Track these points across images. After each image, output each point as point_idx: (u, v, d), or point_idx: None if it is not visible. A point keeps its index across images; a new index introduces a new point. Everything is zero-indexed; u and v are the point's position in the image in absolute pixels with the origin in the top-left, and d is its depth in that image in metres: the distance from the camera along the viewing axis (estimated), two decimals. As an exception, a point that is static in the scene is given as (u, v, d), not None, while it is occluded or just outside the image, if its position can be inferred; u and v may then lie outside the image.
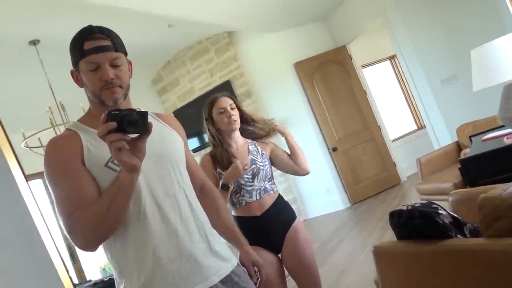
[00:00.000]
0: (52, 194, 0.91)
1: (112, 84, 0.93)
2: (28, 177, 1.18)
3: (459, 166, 1.61)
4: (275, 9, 3.79)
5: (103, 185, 0.90)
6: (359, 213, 3.57)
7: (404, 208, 1.12)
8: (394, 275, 1.19)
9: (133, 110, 0.84)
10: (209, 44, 4.49)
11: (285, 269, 1.54)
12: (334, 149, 4.05)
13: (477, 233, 1.08)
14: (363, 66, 4.81)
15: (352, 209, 3.84)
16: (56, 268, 1.11)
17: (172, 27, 3.80)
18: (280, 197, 1.56)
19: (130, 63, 1.01)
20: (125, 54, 0.98)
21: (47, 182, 0.93)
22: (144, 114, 0.83)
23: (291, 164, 1.64)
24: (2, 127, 1.01)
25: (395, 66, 5.23)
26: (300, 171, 1.61)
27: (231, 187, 1.48)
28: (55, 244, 1.08)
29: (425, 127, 4.16)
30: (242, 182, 1.47)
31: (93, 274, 3.97)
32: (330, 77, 4.26)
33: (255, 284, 1.11)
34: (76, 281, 3.57)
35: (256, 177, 1.53)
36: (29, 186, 1.07)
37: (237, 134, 1.58)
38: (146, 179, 0.92)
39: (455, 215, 1.09)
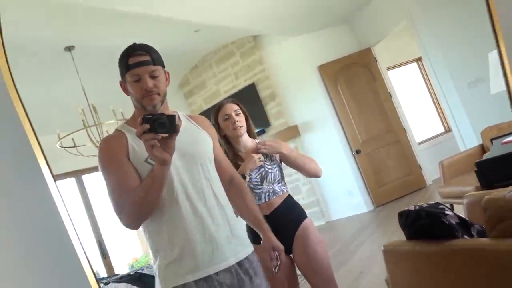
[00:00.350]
0: (105, 182, 1.13)
1: (151, 92, 1.11)
2: (62, 176, 1.31)
3: (475, 168, 1.61)
4: (299, 12, 3.84)
5: (143, 176, 1.10)
6: (382, 216, 3.55)
7: (412, 208, 1.15)
8: (403, 274, 1.21)
9: (163, 114, 1.02)
10: (235, 48, 4.59)
11: (297, 270, 1.55)
12: (358, 152, 4.04)
13: (484, 234, 1.09)
14: (389, 69, 4.77)
15: (375, 212, 3.83)
16: (81, 263, 1.20)
17: (199, 32, 3.92)
18: (289, 197, 1.57)
19: (167, 73, 1.19)
20: (163, 66, 1.17)
21: (101, 172, 1.12)
22: (172, 117, 1.01)
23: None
24: (33, 130, 1.13)
25: (422, 68, 5.15)
26: (309, 176, 1.62)
27: (247, 178, 1.51)
28: (79, 241, 1.19)
29: (451, 130, 4.08)
30: (251, 186, 1.52)
31: (122, 269, 4.15)
32: (355, 79, 4.26)
33: (275, 267, 1.24)
34: (105, 275, 3.74)
35: (265, 180, 1.55)
36: (57, 187, 1.18)
37: (244, 138, 1.59)
38: (178, 174, 1.11)
39: (462, 216, 1.10)
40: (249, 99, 4.22)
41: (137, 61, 1.10)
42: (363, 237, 3.07)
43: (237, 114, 1.57)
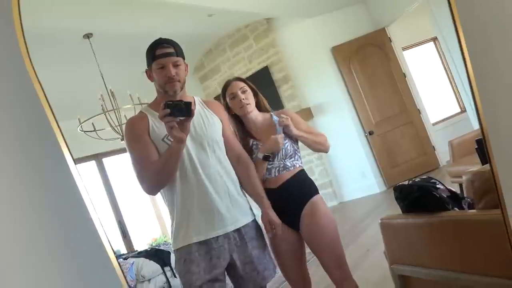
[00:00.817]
0: (130, 155, 1.37)
1: (173, 79, 1.32)
2: (84, 159, 1.50)
3: (476, 146, 1.64)
4: (312, -7, 3.84)
5: (161, 152, 1.31)
6: (393, 196, 3.59)
7: (406, 182, 1.21)
8: (398, 245, 1.28)
9: (181, 101, 1.22)
10: (248, 32, 4.63)
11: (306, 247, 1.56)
12: (371, 133, 4.07)
13: (474, 207, 1.14)
14: (404, 49, 4.71)
15: (387, 192, 3.87)
16: (101, 238, 1.31)
17: (212, 17, 3.98)
18: (301, 172, 1.56)
19: (187, 65, 1.39)
20: (184, 58, 1.36)
21: (126, 146, 1.33)
22: (189, 104, 1.21)
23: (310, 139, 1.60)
24: (54, 116, 1.23)
25: (438, 47, 5.06)
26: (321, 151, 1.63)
27: (272, 157, 1.51)
28: (98, 218, 1.31)
29: (466, 111, 4.04)
30: None
31: (142, 248, 4.34)
32: (369, 61, 4.25)
33: (270, 238, 1.38)
34: (125, 251, 3.93)
35: (276, 156, 1.54)
36: (77, 169, 1.30)
37: (254, 115, 1.59)
38: (188, 152, 1.33)
39: (453, 189, 1.15)
40: (263, 82, 4.27)
41: (163, 52, 1.29)
42: (373, 217, 3.13)
43: (243, 92, 1.57)
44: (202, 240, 1.31)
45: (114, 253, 1.30)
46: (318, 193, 1.56)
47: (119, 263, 1.23)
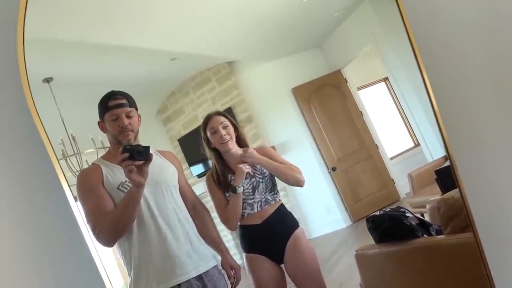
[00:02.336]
0: (83, 207, 1.35)
1: (127, 129, 1.44)
2: None
3: (435, 176, 1.75)
4: (272, 39, 4.05)
5: (116, 201, 1.29)
6: (360, 230, 3.67)
7: (377, 213, 1.26)
8: (373, 275, 1.31)
9: (140, 145, 1.25)
10: (211, 74, 4.74)
11: (288, 278, 1.59)
12: (334, 169, 4.19)
13: (441, 233, 1.21)
14: (359, 88, 5.01)
15: (352, 227, 3.95)
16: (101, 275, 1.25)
17: (175, 60, 4.06)
18: (282, 206, 1.65)
19: (139, 116, 1.43)
20: (136, 109, 1.42)
21: (78, 199, 1.30)
22: (147, 148, 1.26)
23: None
24: (51, 144, 1.25)
25: (389, 87, 5.42)
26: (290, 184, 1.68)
27: (239, 189, 1.55)
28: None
29: (420, 145, 4.30)
30: (244, 197, 1.57)
31: None
32: (327, 100, 4.46)
33: (232, 283, 1.39)
34: None
35: (256, 190, 1.63)
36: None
37: (233, 151, 1.65)
38: (145, 198, 1.31)
39: (421, 217, 1.22)
40: (227, 123, 4.34)
41: (116, 103, 1.42)
42: (342, 251, 3.17)
43: (224, 127, 1.64)
44: None
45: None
46: (299, 225, 1.62)
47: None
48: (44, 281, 1.22)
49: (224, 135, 1.60)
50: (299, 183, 1.69)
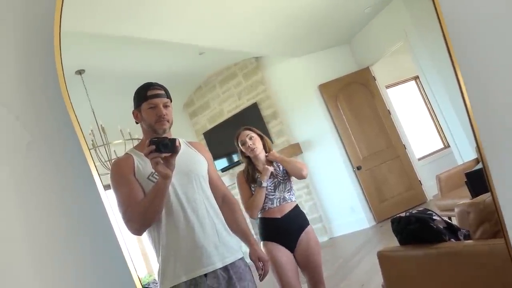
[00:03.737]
0: (115, 196, 1.40)
1: (163, 119, 1.43)
2: None
3: (465, 179, 1.70)
4: (300, 34, 4.01)
5: (146, 190, 1.34)
6: (383, 231, 3.60)
7: (403, 214, 1.23)
8: (396, 277, 1.28)
9: (166, 138, 1.28)
10: (237, 69, 4.76)
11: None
12: (359, 168, 4.13)
13: (470, 238, 1.17)
14: (388, 87, 4.90)
15: (376, 227, 3.88)
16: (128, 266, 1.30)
17: (203, 55, 4.10)
18: (297, 206, 2.08)
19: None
20: (171, 101, 1.45)
21: (112, 187, 1.35)
22: (174, 140, 1.27)
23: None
24: (86, 143, 1.30)
25: (420, 85, 5.28)
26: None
27: (264, 183, 1.87)
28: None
29: (450, 146, 4.17)
30: (266, 192, 1.87)
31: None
32: (354, 98, 4.39)
33: (260, 275, 1.41)
34: None
35: (277, 188, 1.99)
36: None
37: (260, 156, 2.03)
38: (174, 188, 1.33)
39: (448, 221, 1.19)
40: (252, 118, 4.35)
41: (154, 93, 1.42)
42: (365, 252, 3.13)
43: (250, 138, 2.11)
44: (192, 279, 1.31)
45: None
46: (309, 223, 2.05)
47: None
48: (72, 267, 1.27)
49: (251, 145, 2.01)
50: (301, 175, 2.14)
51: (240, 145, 2.09)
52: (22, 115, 1.31)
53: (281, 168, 2.08)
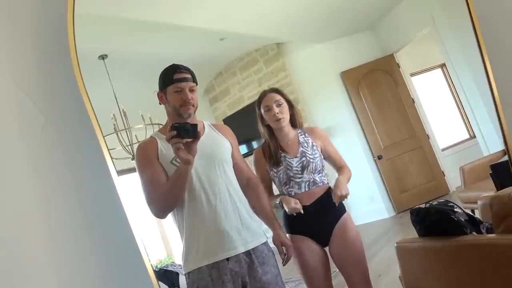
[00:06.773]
0: (140, 179, 1.39)
1: (189, 103, 1.39)
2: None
3: (490, 171, 1.64)
4: (322, 19, 3.93)
5: (169, 174, 1.33)
6: (403, 222, 3.55)
7: (423, 206, 1.20)
8: (415, 270, 1.26)
9: (188, 123, 1.25)
10: (259, 55, 4.72)
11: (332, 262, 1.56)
12: (379, 157, 4.06)
13: (492, 231, 1.14)
14: (412, 75, 4.77)
15: (396, 218, 3.83)
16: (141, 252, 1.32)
17: (224, 40, 4.07)
18: (330, 190, 1.60)
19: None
20: (197, 85, 1.42)
21: (137, 170, 1.37)
22: (195, 126, 1.24)
23: (335, 165, 1.64)
24: (100, 128, 1.32)
25: (446, 74, 5.11)
26: None
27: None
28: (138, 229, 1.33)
29: (476, 137, 4.04)
30: (292, 174, 1.54)
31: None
32: (377, 86, 4.29)
33: (283, 260, 1.39)
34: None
35: (306, 169, 1.56)
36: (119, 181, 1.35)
37: (286, 130, 1.62)
38: (197, 172, 1.35)
39: (471, 213, 1.15)
40: (272, 105, 4.32)
41: (181, 76, 1.36)
42: (383, 242, 3.10)
43: (278, 105, 1.60)
44: (214, 263, 1.30)
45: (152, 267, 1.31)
46: (346, 210, 1.58)
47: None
48: (83, 253, 1.29)
49: (277, 113, 1.55)
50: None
51: (263, 110, 1.60)
52: (37, 98, 1.33)
53: (310, 142, 1.60)
